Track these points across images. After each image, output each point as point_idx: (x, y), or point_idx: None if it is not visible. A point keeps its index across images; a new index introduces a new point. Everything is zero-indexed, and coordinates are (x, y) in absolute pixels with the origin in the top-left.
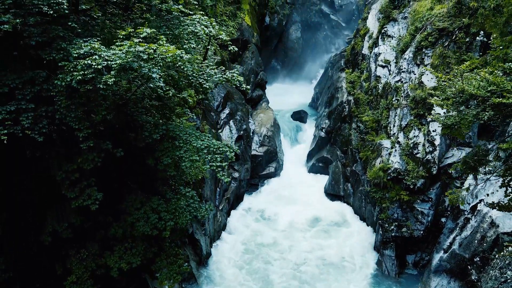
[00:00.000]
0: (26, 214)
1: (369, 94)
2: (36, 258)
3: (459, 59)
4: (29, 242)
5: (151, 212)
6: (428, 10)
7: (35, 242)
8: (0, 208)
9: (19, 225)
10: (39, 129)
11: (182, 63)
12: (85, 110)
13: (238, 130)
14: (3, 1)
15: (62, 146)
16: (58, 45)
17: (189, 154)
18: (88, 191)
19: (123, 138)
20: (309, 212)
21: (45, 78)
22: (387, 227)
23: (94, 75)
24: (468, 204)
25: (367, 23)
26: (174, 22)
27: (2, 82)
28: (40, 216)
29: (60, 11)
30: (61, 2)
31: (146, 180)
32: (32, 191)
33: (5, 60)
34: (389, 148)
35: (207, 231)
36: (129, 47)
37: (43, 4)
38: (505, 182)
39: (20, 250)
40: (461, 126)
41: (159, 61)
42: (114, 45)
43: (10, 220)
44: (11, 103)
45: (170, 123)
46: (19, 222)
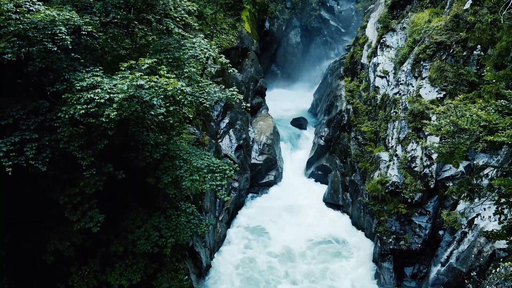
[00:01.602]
0: (29, 235)
1: (368, 104)
2: (39, 276)
3: (457, 73)
4: (32, 261)
5: (152, 229)
6: (426, 23)
7: (38, 261)
8: (5, 230)
9: (22, 245)
10: (43, 158)
11: (183, 97)
12: (87, 139)
13: (237, 139)
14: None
15: (64, 171)
16: (61, 76)
17: (189, 173)
18: (90, 213)
19: (124, 158)
20: (308, 231)
21: (49, 108)
22: (385, 239)
23: (96, 109)
24: (466, 218)
25: (366, 32)
26: (175, 45)
27: (7, 113)
28: (42, 236)
29: (64, 46)
30: (64, 38)
31: (147, 197)
32: (35, 213)
33: (9, 88)
34: (387, 161)
35: (207, 243)
36: (131, 80)
37: (47, 40)
38: (498, 209)
39: (23, 269)
40: (455, 156)
41: (160, 94)
42: (116, 74)
43: (14, 241)
44: (15, 133)
45: (171, 142)
46: (22, 243)
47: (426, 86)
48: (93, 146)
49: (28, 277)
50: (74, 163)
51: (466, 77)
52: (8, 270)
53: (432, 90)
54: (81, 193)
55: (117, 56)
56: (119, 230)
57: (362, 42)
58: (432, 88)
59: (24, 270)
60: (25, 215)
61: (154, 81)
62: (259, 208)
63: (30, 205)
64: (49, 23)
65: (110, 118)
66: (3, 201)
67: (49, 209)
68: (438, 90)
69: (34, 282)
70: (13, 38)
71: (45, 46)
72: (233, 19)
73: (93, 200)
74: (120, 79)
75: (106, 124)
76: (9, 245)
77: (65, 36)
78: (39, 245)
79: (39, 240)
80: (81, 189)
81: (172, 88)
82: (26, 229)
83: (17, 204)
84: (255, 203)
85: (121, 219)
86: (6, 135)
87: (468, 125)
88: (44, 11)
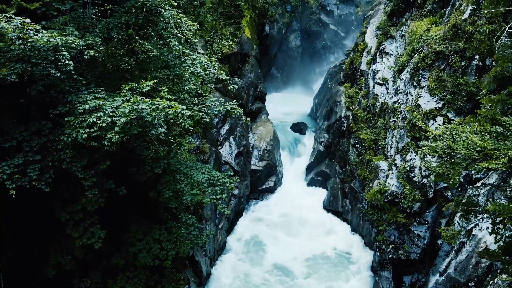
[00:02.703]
0: (32, 250)
1: (367, 111)
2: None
3: (455, 83)
4: (34, 274)
5: (153, 242)
6: (425, 32)
7: (40, 274)
8: (8, 247)
9: (25, 259)
10: (46, 179)
11: (183, 120)
12: (90, 159)
13: (237, 146)
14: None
15: (66, 189)
16: (63, 98)
17: (189, 187)
18: (91, 230)
19: (125, 173)
20: (307, 242)
21: (51, 129)
22: (384, 249)
23: (99, 132)
24: (464, 228)
25: (366, 38)
26: (175, 62)
27: (11, 135)
28: (44, 251)
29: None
30: (67, 63)
31: (148, 209)
32: (36, 228)
33: (11, 108)
34: (386, 170)
35: (207, 252)
36: (132, 104)
37: (50, 66)
38: (494, 229)
39: (25, 283)
40: (451, 177)
41: (161, 117)
42: (118, 94)
43: (16, 256)
44: (19, 155)
45: (171, 156)
46: (24, 257)
47: (425, 95)
48: (95, 166)
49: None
50: (75, 180)
51: (464, 87)
52: (10, 284)
53: (431, 100)
54: (82, 210)
55: (118, 71)
56: (120, 243)
57: (361, 48)
58: (431, 98)
59: (26, 284)
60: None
61: (155, 104)
62: (258, 216)
63: (31, 220)
64: (52, 49)
65: (112, 142)
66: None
67: (50, 223)
68: (437, 100)
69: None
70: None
71: (48, 71)
72: (233, 27)
73: (94, 216)
74: (122, 101)
75: (108, 148)
76: (12, 261)
77: (68, 62)
78: (41, 259)
79: (41, 254)
80: (83, 205)
81: (173, 112)
82: (28, 245)
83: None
84: (255, 210)
85: (122, 232)
86: (10, 156)
87: (464, 149)
88: (48, 38)
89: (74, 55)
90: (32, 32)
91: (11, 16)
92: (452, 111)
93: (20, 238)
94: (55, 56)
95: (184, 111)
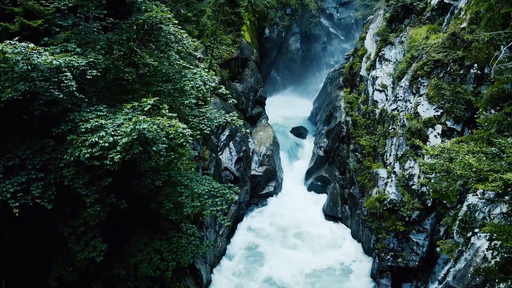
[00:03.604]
0: (33, 262)
1: (367, 117)
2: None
3: (454, 91)
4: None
5: (154, 253)
6: (424, 39)
7: (42, 286)
8: (10, 260)
9: (27, 272)
10: (48, 196)
11: (184, 140)
12: (92, 176)
13: (237, 151)
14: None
15: (68, 203)
16: (66, 116)
17: (190, 199)
18: (93, 243)
19: (126, 185)
20: (307, 253)
21: (54, 146)
22: (384, 256)
23: (101, 152)
24: (463, 235)
25: (365, 44)
26: (176, 76)
27: (14, 153)
28: (46, 263)
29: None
30: (70, 85)
31: (148, 219)
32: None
33: (14, 125)
34: (385, 178)
35: (208, 259)
36: (134, 123)
37: (53, 88)
38: (491, 245)
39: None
40: (449, 195)
41: (162, 136)
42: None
43: (18, 269)
44: (22, 173)
45: (172, 168)
46: (26, 270)
47: (423, 103)
48: (97, 182)
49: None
50: (77, 194)
51: (463, 96)
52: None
53: (430, 108)
54: (84, 224)
55: (119, 85)
56: (122, 254)
57: (361, 53)
58: (430, 106)
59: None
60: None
61: (156, 123)
62: (257, 224)
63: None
64: (55, 70)
65: (114, 161)
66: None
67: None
68: (436, 108)
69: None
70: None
71: (51, 93)
72: (233, 34)
73: (96, 229)
74: (124, 119)
75: (110, 167)
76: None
77: (71, 83)
78: (43, 270)
79: (43, 266)
80: (84, 220)
81: (174, 131)
82: (30, 258)
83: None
84: (255, 216)
85: (123, 243)
86: (13, 174)
87: (461, 170)
88: (51, 60)
89: (77, 74)
90: (35, 55)
91: (15, 42)
92: (451, 119)
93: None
94: (58, 77)
95: (184, 130)
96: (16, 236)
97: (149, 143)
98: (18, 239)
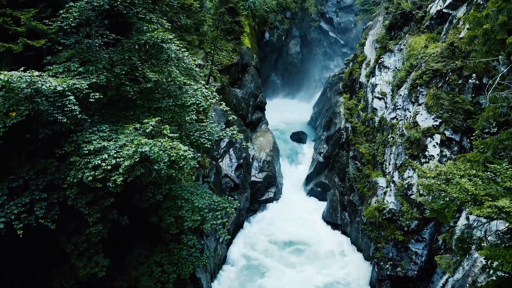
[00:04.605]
0: (35, 275)
1: (366, 125)
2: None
3: (452, 101)
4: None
5: (155, 265)
6: (423, 48)
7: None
8: (13, 275)
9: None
10: (52, 216)
11: (186, 162)
12: (94, 195)
13: (238, 158)
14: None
15: (71, 220)
16: (69, 137)
17: (190, 213)
18: (95, 258)
19: (128, 200)
20: (308, 268)
21: (57, 167)
22: (383, 265)
23: (104, 174)
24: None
25: (364, 50)
26: (177, 92)
27: (18, 174)
28: (48, 276)
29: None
30: (74, 109)
31: (149, 231)
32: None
33: (18, 145)
34: (385, 187)
35: (208, 268)
36: (136, 146)
37: (57, 112)
38: (487, 263)
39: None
40: (446, 215)
41: (163, 158)
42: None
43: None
44: (25, 194)
45: (172, 181)
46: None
47: (422, 112)
48: (99, 201)
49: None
50: (80, 212)
51: (461, 105)
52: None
53: (429, 117)
54: (87, 240)
55: (121, 101)
56: (123, 266)
57: (360, 60)
58: (429, 115)
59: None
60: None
61: (158, 145)
62: (258, 230)
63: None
64: (59, 95)
65: (117, 184)
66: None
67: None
68: (434, 118)
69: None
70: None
71: (55, 117)
72: (233, 43)
73: (98, 245)
74: (127, 141)
75: (113, 189)
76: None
77: (74, 107)
78: (44, 283)
79: (44, 279)
80: (87, 236)
81: (175, 154)
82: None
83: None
84: (255, 222)
85: (125, 256)
86: (17, 195)
87: (457, 193)
88: (55, 86)
89: (80, 98)
90: (40, 82)
91: (20, 73)
92: (449, 129)
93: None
94: (62, 101)
95: (186, 152)
96: (17, 256)
97: (151, 162)
98: (20, 258)
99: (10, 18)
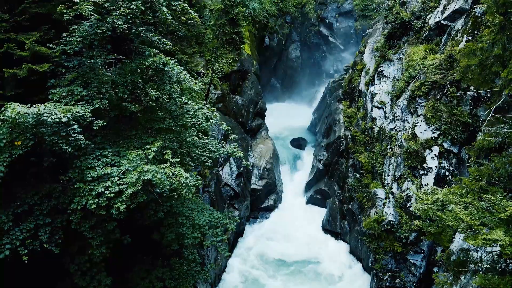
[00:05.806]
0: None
1: (365, 134)
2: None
3: (451, 113)
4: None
5: (156, 280)
6: (422, 59)
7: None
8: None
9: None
10: (55, 240)
11: (187, 190)
12: (97, 219)
13: (238, 167)
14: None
15: (74, 242)
16: (72, 163)
17: (190, 230)
18: (98, 277)
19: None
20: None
21: (61, 192)
22: (381, 276)
23: (107, 202)
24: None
25: (364, 58)
26: (178, 112)
27: (23, 200)
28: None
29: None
30: (78, 138)
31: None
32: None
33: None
34: (383, 198)
35: (209, 279)
36: (139, 173)
37: (62, 142)
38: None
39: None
40: (442, 239)
41: (166, 185)
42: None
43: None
44: (30, 219)
45: (174, 198)
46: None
47: (421, 124)
48: (102, 224)
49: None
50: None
51: (459, 118)
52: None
53: (427, 129)
54: (89, 260)
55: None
56: (125, 282)
57: (360, 68)
58: (427, 127)
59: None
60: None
61: (160, 172)
62: (257, 239)
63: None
64: (64, 125)
65: (120, 211)
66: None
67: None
68: (433, 129)
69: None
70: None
71: (60, 147)
72: (234, 53)
73: (100, 264)
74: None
75: (116, 216)
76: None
77: (78, 136)
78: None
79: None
80: (89, 256)
81: (177, 182)
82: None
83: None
84: (255, 231)
85: (126, 271)
86: (21, 220)
87: (452, 222)
88: (61, 118)
89: (84, 126)
90: (46, 115)
91: (27, 110)
92: (447, 141)
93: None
94: (67, 131)
95: (187, 179)
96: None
97: (153, 185)
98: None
99: (14, 44)
